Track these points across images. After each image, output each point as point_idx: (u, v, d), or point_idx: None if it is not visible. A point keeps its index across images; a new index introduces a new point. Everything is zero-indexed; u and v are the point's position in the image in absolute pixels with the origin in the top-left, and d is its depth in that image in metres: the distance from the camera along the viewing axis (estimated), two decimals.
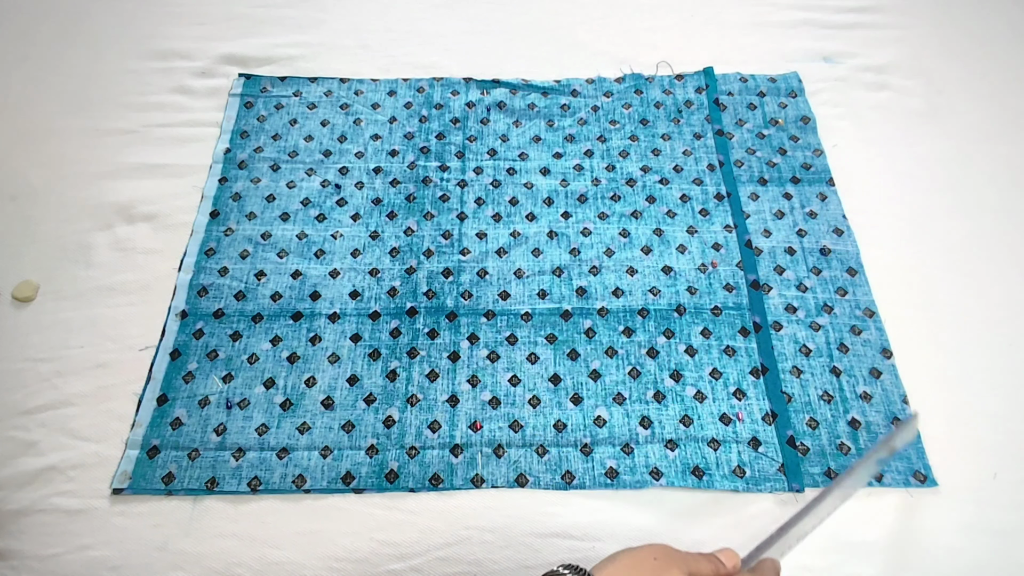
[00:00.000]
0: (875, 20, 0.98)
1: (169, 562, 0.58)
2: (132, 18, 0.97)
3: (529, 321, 0.71)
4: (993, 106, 0.89)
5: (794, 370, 0.68)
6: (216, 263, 0.74)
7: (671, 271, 0.74)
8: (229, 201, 0.79)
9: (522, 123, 0.86)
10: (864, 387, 0.67)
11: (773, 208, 0.79)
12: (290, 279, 0.73)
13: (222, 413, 0.65)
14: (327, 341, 0.70)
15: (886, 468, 0.62)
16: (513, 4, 1.00)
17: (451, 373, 0.68)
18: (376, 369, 0.68)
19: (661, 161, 0.83)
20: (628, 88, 0.90)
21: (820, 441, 0.65)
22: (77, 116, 0.86)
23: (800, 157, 0.83)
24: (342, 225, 0.78)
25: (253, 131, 0.85)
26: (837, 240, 0.77)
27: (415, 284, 0.73)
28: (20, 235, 0.76)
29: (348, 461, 0.63)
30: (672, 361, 0.69)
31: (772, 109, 0.87)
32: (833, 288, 0.73)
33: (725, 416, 0.66)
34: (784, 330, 0.71)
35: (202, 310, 0.71)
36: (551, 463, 0.63)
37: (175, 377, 0.67)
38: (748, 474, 0.62)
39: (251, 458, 0.63)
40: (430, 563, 0.58)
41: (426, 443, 0.64)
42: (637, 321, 0.71)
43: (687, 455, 0.63)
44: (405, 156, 0.83)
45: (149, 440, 0.63)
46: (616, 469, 0.63)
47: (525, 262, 0.75)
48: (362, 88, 0.89)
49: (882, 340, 0.70)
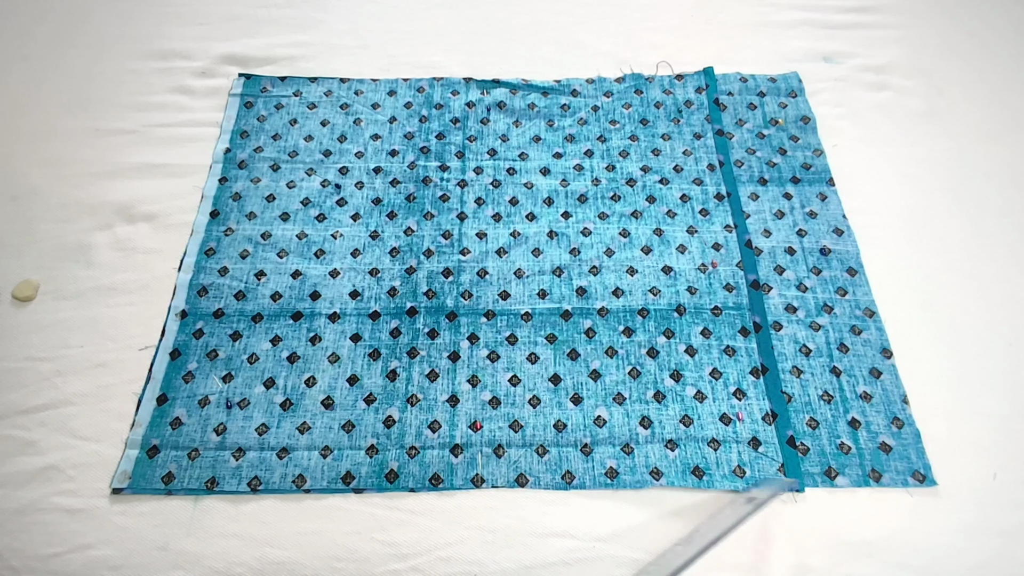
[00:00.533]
0: (875, 20, 0.98)
1: (170, 561, 0.58)
2: (132, 18, 0.97)
3: (529, 321, 0.71)
4: (993, 106, 0.89)
5: (794, 370, 0.68)
6: (216, 263, 0.74)
7: (671, 271, 0.74)
8: (229, 201, 0.79)
9: (522, 123, 0.86)
10: (864, 387, 0.67)
11: (773, 208, 0.79)
12: (290, 279, 0.73)
13: (222, 413, 0.65)
14: (327, 341, 0.70)
15: (885, 468, 0.63)
16: (513, 4, 1.00)
17: (451, 373, 0.68)
18: (376, 369, 0.68)
19: (661, 161, 0.83)
20: (628, 88, 0.90)
21: (820, 441, 0.65)
22: (77, 116, 0.86)
23: (800, 157, 0.83)
24: (342, 225, 0.78)
25: (253, 131, 0.85)
26: (837, 240, 0.77)
27: (415, 284, 0.73)
28: (20, 235, 0.76)
29: (348, 461, 0.63)
30: (672, 361, 0.69)
31: (772, 109, 0.87)
32: (833, 288, 0.73)
33: (725, 416, 0.66)
34: (784, 330, 0.71)
35: (202, 310, 0.71)
36: (551, 463, 0.63)
37: (175, 377, 0.67)
38: (748, 474, 0.62)
39: (251, 458, 0.63)
40: (431, 563, 0.58)
41: (426, 443, 0.64)
42: (637, 321, 0.71)
43: (687, 455, 0.63)
44: (405, 156, 0.83)
45: (149, 440, 0.63)
46: (616, 469, 0.63)
47: (525, 262, 0.75)
48: (362, 88, 0.89)
49: (882, 340, 0.70)
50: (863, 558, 0.58)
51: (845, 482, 0.62)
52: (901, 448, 0.64)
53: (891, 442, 0.64)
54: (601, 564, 0.58)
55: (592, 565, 0.58)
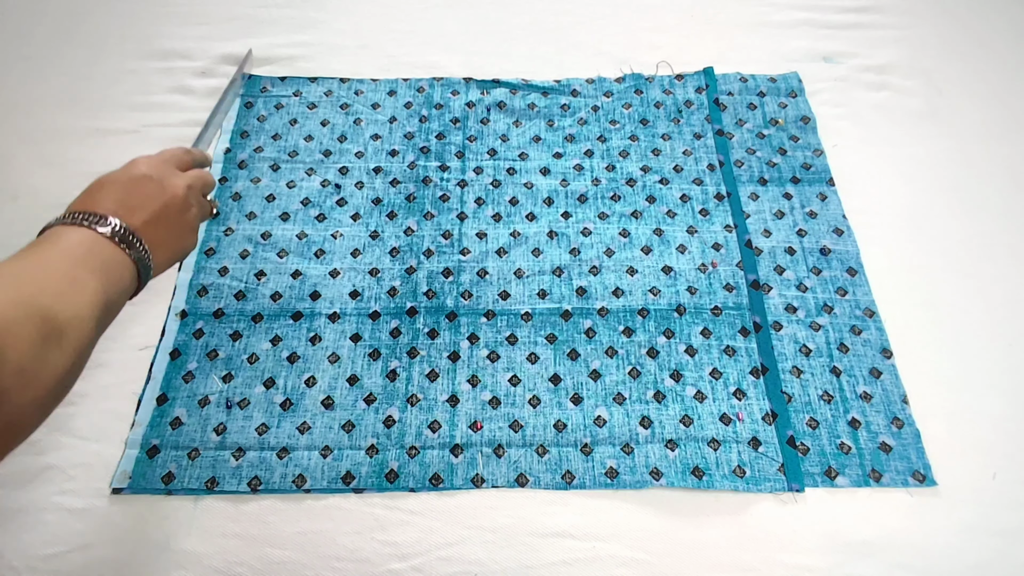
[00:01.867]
0: (875, 20, 0.98)
1: (171, 561, 0.58)
2: (132, 18, 0.97)
3: (529, 321, 0.71)
4: (993, 106, 0.89)
5: (794, 370, 0.68)
6: (216, 263, 0.74)
7: (671, 271, 0.74)
8: (229, 201, 0.79)
9: (522, 123, 0.86)
10: (864, 387, 0.67)
11: (773, 208, 0.79)
12: (290, 279, 0.73)
13: (222, 413, 0.65)
14: (327, 341, 0.70)
15: (886, 468, 0.63)
16: (513, 4, 1.00)
17: (451, 373, 0.68)
18: (376, 369, 0.68)
19: (661, 161, 0.83)
20: (628, 88, 0.90)
21: (820, 441, 0.65)
22: (78, 116, 0.86)
23: (800, 157, 0.83)
24: (342, 225, 0.78)
25: (253, 131, 0.85)
26: (837, 240, 0.77)
27: (415, 284, 0.73)
28: (20, 235, 0.76)
29: (348, 461, 0.63)
30: (672, 361, 0.69)
31: (772, 109, 0.87)
32: (833, 288, 0.73)
33: (725, 416, 0.66)
34: (784, 330, 0.71)
35: (202, 310, 0.71)
36: (551, 463, 0.63)
37: (175, 377, 0.67)
38: (748, 474, 0.62)
39: (251, 458, 0.63)
40: (431, 563, 0.58)
41: (426, 443, 0.64)
42: (637, 321, 0.71)
43: (687, 455, 0.63)
44: (405, 156, 0.83)
45: (149, 440, 0.63)
46: (616, 469, 0.63)
47: (525, 262, 0.75)
48: (362, 88, 0.89)
49: (882, 340, 0.70)
50: (863, 558, 0.58)
51: (845, 482, 0.62)
52: (901, 448, 0.64)
53: (891, 442, 0.64)
54: (601, 564, 0.58)
55: (592, 565, 0.58)
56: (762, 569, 0.58)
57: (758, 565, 0.58)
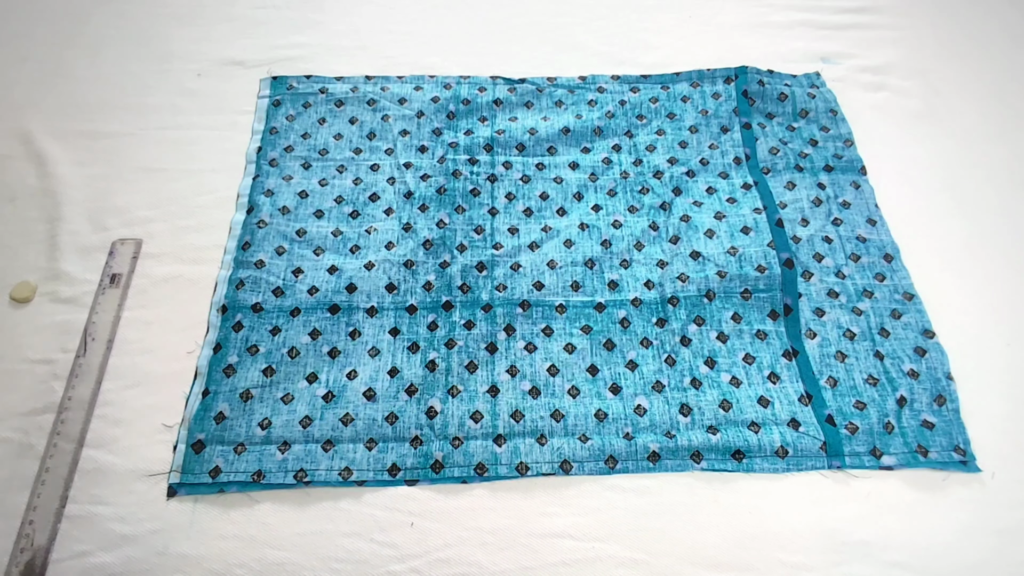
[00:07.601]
0: (873, 21, 0.99)
1: (170, 565, 0.57)
2: (131, 20, 0.96)
3: (563, 314, 0.72)
4: (990, 106, 0.90)
5: (838, 355, 0.69)
6: (251, 256, 0.74)
7: (699, 256, 0.75)
8: (262, 197, 0.79)
9: (549, 119, 0.87)
10: (911, 364, 0.69)
11: (810, 196, 0.80)
12: (326, 274, 0.74)
13: (266, 407, 0.65)
14: (367, 336, 0.70)
15: (931, 444, 0.64)
16: (510, 6, 1.00)
17: (490, 364, 0.69)
18: (416, 360, 0.69)
19: (688, 153, 0.84)
20: (654, 83, 0.91)
21: (869, 421, 0.66)
22: (77, 118, 0.85)
23: (831, 148, 0.84)
24: (375, 220, 0.78)
25: (283, 129, 0.85)
26: (871, 229, 0.78)
27: (449, 278, 0.74)
28: (19, 236, 0.75)
29: (393, 453, 0.63)
30: (705, 348, 0.70)
31: (802, 99, 0.88)
32: (871, 274, 0.74)
33: (763, 399, 0.67)
34: (827, 316, 0.72)
35: (240, 302, 0.71)
36: (594, 449, 0.64)
37: (216, 370, 0.67)
38: (790, 454, 0.63)
39: (296, 451, 0.63)
40: (430, 564, 0.58)
41: (469, 433, 0.65)
42: (669, 310, 0.72)
43: (728, 438, 0.64)
44: (434, 151, 0.84)
45: (195, 435, 0.64)
46: (658, 453, 0.63)
47: (557, 254, 0.76)
48: (388, 85, 0.90)
49: (923, 322, 0.71)
50: (863, 558, 0.58)
51: (891, 460, 0.63)
52: (944, 424, 0.65)
53: (932, 419, 0.66)
54: (601, 564, 0.58)
55: (592, 565, 0.58)
56: (761, 568, 0.58)
57: (757, 564, 0.58)
